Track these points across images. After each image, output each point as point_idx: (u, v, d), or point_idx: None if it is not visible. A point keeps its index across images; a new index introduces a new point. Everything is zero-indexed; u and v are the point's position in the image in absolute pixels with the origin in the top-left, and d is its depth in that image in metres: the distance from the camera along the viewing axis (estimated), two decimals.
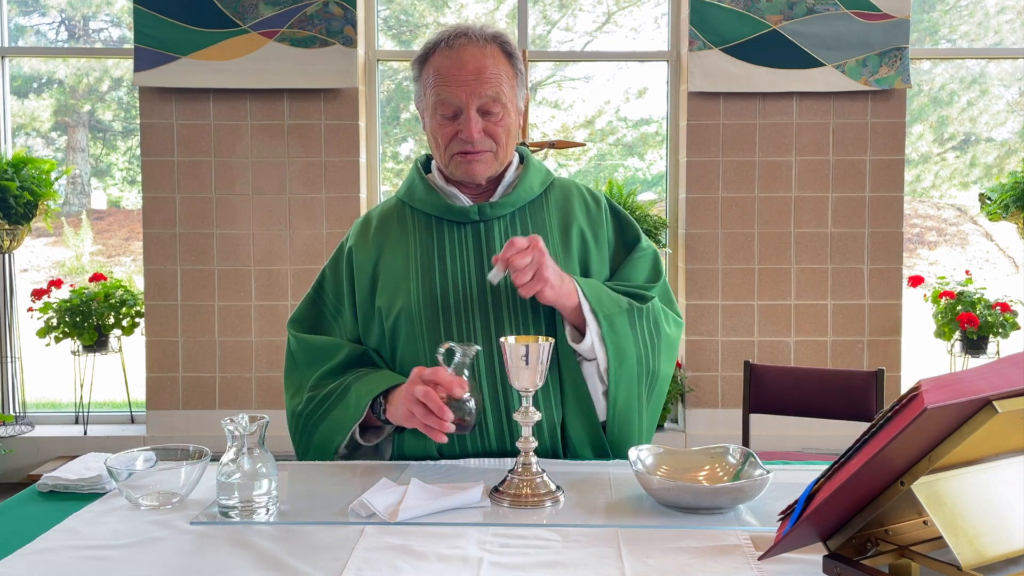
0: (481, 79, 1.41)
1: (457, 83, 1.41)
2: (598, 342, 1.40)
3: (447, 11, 4.96)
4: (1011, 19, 5.39)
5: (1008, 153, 6.51)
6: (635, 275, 1.54)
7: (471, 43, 1.43)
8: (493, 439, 1.42)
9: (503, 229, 1.50)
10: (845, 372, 2.45)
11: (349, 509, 1.14)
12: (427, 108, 1.47)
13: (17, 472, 3.98)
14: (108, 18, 5.71)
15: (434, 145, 1.50)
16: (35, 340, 4.03)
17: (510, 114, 1.46)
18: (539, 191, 1.55)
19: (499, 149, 1.47)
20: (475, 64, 1.42)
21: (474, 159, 1.46)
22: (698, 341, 4.07)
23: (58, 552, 1.03)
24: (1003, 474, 0.89)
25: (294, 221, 4.01)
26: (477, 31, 1.45)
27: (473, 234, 1.50)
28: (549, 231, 1.51)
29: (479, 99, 1.42)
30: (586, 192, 1.61)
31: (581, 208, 1.57)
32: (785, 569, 0.96)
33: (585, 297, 1.40)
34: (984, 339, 3.98)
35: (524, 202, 1.53)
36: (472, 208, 1.50)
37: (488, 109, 1.43)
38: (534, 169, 1.57)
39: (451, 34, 1.44)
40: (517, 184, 1.53)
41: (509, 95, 1.45)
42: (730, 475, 1.22)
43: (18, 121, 5.76)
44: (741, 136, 4.01)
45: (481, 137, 1.44)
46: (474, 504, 1.16)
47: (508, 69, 1.46)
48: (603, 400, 1.44)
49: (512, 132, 1.49)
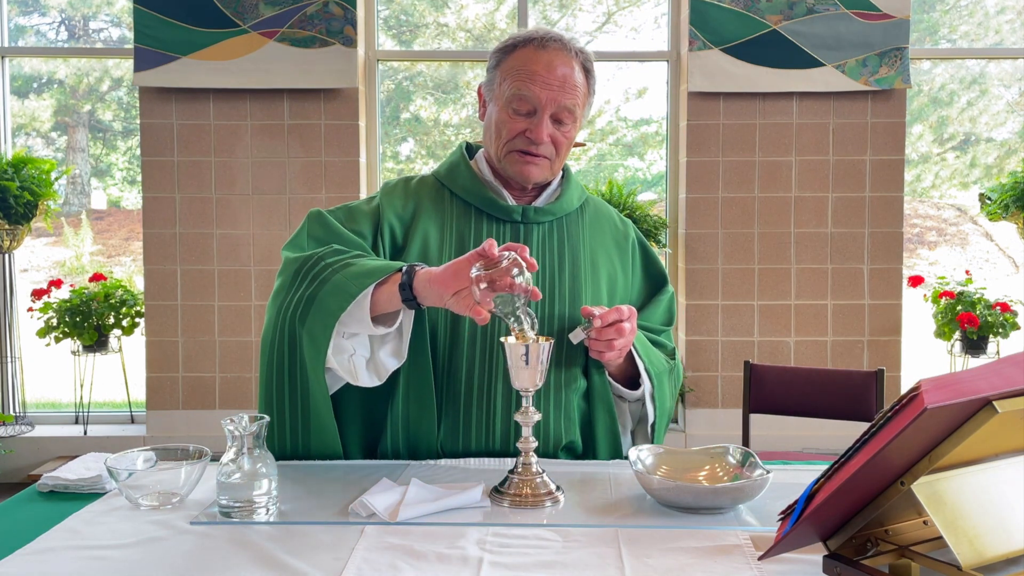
0: (565, 87, 1.42)
1: (543, 84, 1.42)
2: (648, 399, 1.49)
3: (447, 11, 4.96)
4: (1011, 19, 5.39)
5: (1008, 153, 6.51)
6: (654, 317, 1.61)
7: (563, 49, 1.44)
8: (499, 439, 1.42)
9: (542, 236, 1.51)
10: (845, 372, 2.45)
11: (349, 509, 1.14)
12: (499, 98, 1.46)
13: (17, 472, 3.98)
14: (108, 18, 5.71)
15: (494, 135, 1.48)
16: (35, 340, 4.03)
17: (575, 128, 1.49)
18: (577, 206, 1.58)
19: (557, 159, 1.49)
20: (563, 71, 1.42)
21: (532, 161, 1.46)
22: (698, 341, 4.07)
23: (58, 552, 1.03)
24: (1003, 474, 0.89)
25: (294, 221, 4.01)
26: (569, 40, 1.46)
27: (512, 234, 1.50)
28: (582, 247, 1.54)
29: (557, 106, 1.43)
30: (616, 218, 1.65)
31: (612, 233, 1.61)
32: (785, 569, 0.96)
33: (639, 355, 1.46)
34: (984, 339, 3.98)
35: (563, 213, 1.55)
36: (516, 208, 1.50)
37: (561, 118, 1.44)
38: (574, 184, 1.59)
39: (544, 35, 1.45)
40: (560, 195, 1.55)
41: (580, 111, 1.47)
42: (730, 475, 1.22)
43: (18, 121, 5.75)
44: (741, 136, 4.01)
45: (547, 142, 1.45)
46: (474, 504, 1.16)
47: (585, 86, 1.47)
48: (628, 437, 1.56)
49: (570, 146, 1.50)
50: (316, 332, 1.30)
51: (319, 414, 1.37)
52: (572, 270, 1.50)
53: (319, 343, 1.30)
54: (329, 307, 1.29)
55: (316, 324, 1.30)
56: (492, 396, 1.41)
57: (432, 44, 4.94)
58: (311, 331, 1.31)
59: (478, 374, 1.41)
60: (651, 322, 1.61)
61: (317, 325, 1.30)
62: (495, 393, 1.41)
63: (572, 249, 1.52)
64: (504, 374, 1.41)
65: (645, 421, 1.53)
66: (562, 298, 1.47)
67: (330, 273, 1.32)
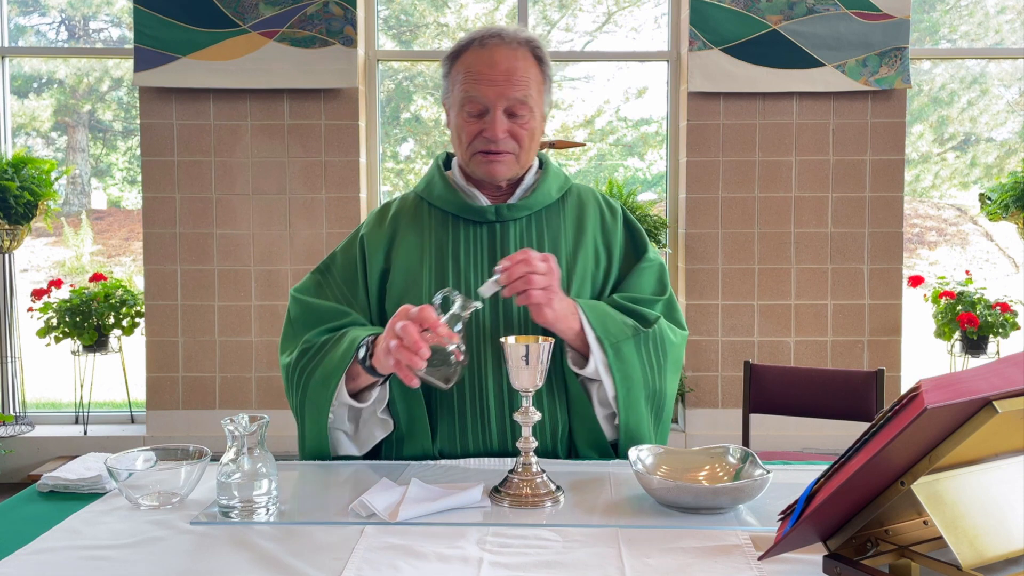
0: (511, 80, 1.42)
1: (487, 82, 1.42)
2: (604, 370, 1.39)
3: (447, 11, 4.96)
4: (1011, 19, 5.39)
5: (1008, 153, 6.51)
6: (640, 286, 1.52)
7: (504, 44, 1.44)
8: (495, 438, 1.42)
9: (519, 232, 1.50)
10: (845, 372, 2.45)
11: (349, 509, 1.14)
12: (454, 104, 1.48)
13: (17, 472, 3.99)
14: (108, 18, 5.71)
15: (457, 142, 1.50)
16: (35, 340, 4.03)
17: (535, 118, 1.47)
18: (556, 196, 1.55)
19: (521, 152, 1.48)
20: (506, 64, 1.42)
21: (495, 159, 1.46)
22: (698, 341, 4.07)
23: (58, 552, 1.03)
24: (1003, 474, 0.89)
25: (294, 221, 4.01)
26: (511, 33, 1.46)
27: (488, 234, 1.50)
28: (564, 237, 1.52)
29: (507, 100, 1.42)
30: (602, 201, 1.60)
31: (596, 217, 1.56)
32: (785, 569, 0.96)
33: (590, 324, 1.38)
34: (984, 339, 3.98)
35: (541, 206, 1.53)
36: (490, 208, 1.50)
37: (514, 111, 1.44)
38: (553, 174, 1.57)
39: (485, 34, 1.45)
40: (535, 188, 1.53)
41: (536, 99, 1.46)
42: (730, 475, 1.22)
43: (18, 121, 5.76)
44: (741, 136, 4.01)
45: (505, 138, 1.44)
46: (474, 504, 1.16)
47: (537, 74, 1.46)
48: (607, 424, 1.44)
49: (535, 136, 1.49)
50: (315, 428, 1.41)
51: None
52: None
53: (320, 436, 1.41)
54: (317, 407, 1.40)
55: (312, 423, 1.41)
56: (484, 395, 1.42)
57: (432, 44, 4.94)
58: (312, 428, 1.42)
59: (467, 375, 1.42)
60: (637, 291, 1.51)
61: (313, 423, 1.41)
62: (487, 392, 1.42)
63: (552, 241, 1.50)
64: (494, 373, 1.41)
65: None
66: None
67: (307, 380, 1.41)
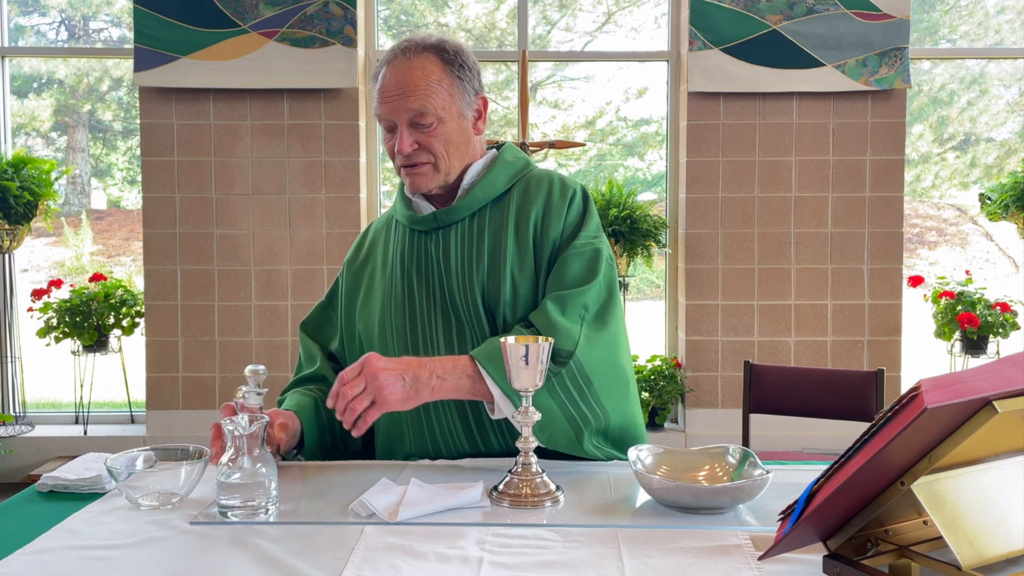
0: (405, 93, 1.41)
1: (385, 99, 1.43)
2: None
3: (447, 11, 4.96)
4: (1011, 19, 5.39)
5: (1008, 153, 6.51)
6: (564, 275, 1.43)
7: (401, 58, 1.43)
8: (464, 440, 1.44)
9: (461, 234, 1.48)
10: (845, 372, 2.45)
11: (349, 509, 1.14)
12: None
13: (17, 472, 3.98)
14: (108, 18, 5.71)
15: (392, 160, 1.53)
16: (35, 340, 4.03)
17: (445, 123, 1.43)
18: (503, 188, 1.50)
19: (439, 160, 1.45)
20: (399, 79, 1.42)
21: (413, 172, 1.46)
22: (698, 341, 4.07)
23: (58, 552, 1.03)
24: (1003, 474, 0.89)
25: (294, 221, 4.01)
26: (416, 42, 1.44)
27: (433, 242, 1.50)
28: (506, 231, 1.46)
29: (407, 113, 1.41)
30: (557, 181, 1.51)
31: (543, 196, 1.48)
32: (785, 569, 0.96)
33: (493, 381, 1.30)
34: (984, 339, 3.98)
35: (483, 203, 1.49)
36: (430, 216, 1.50)
37: (417, 121, 1.42)
38: (501, 166, 1.51)
39: (391, 51, 1.46)
40: (476, 184, 1.49)
41: (442, 104, 1.42)
42: (730, 475, 1.22)
43: (18, 121, 5.75)
44: (741, 136, 4.01)
45: (415, 150, 1.43)
46: (474, 504, 1.16)
47: (443, 76, 1.43)
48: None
49: (454, 140, 1.45)
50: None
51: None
52: (491, 258, 1.44)
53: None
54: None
55: None
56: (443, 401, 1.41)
57: None
58: None
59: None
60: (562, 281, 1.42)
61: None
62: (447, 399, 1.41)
63: (493, 238, 1.46)
64: None
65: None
66: (485, 296, 1.44)
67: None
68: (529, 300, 1.45)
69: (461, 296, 1.44)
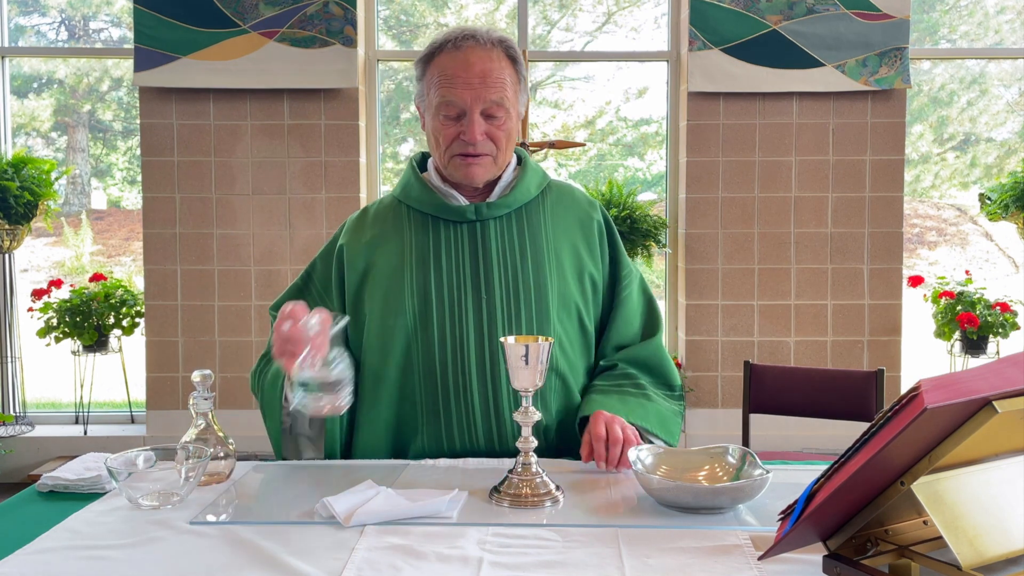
0: (487, 82, 1.42)
1: (463, 85, 1.41)
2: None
3: (447, 11, 4.96)
4: (1011, 19, 5.39)
5: (1008, 153, 6.51)
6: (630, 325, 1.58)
7: (478, 45, 1.43)
8: (482, 437, 1.43)
9: (499, 229, 1.50)
10: (845, 372, 2.45)
11: (313, 510, 1.14)
12: (429, 107, 1.48)
13: (17, 472, 3.98)
14: (108, 18, 5.71)
15: (434, 145, 1.50)
16: (35, 340, 4.03)
17: (512, 119, 1.47)
18: (536, 193, 1.56)
19: (499, 153, 1.48)
20: (481, 67, 1.42)
21: (474, 162, 1.46)
22: (698, 341, 4.07)
23: (58, 552, 1.03)
24: (1003, 474, 0.89)
25: (294, 221, 4.01)
26: (483, 34, 1.45)
27: (469, 233, 1.50)
28: (544, 236, 1.52)
29: (483, 102, 1.42)
30: (583, 199, 1.61)
31: (576, 215, 1.57)
32: (785, 569, 0.96)
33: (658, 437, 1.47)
34: (984, 339, 3.98)
35: (521, 203, 1.53)
36: (469, 207, 1.50)
37: (491, 113, 1.44)
38: (531, 171, 1.57)
39: (458, 35, 1.44)
40: (515, 186, 1.53)
41: (512, 100, 1.46)
42: (730, 475, 1.22)
43: (18, 121, 5.75)
44: (741, 136, 4.01)
45: (483, 140, 1.44)
46: (439, 514, 1.12)
47: (512, 74, 1.46)
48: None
49: (512, 136, 1.49)
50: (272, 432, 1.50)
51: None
52: (535, 259, 1.49)
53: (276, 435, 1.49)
54: (271, 418, 1.49)
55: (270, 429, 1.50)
56: (468, 394, 1.42)
57: None
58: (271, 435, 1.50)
59: (452, 374, 1.42)
60: (628, 333, 1.57)
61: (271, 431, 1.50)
62: (471, 391, 1.42)
63: (533, 238, 1.51)
64: (479, 371, 1.42)
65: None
66: (527, 290, 1.46)
67: (261, 383, 1.53)
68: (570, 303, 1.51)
69: (502, 288, 1.45)
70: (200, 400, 1.27)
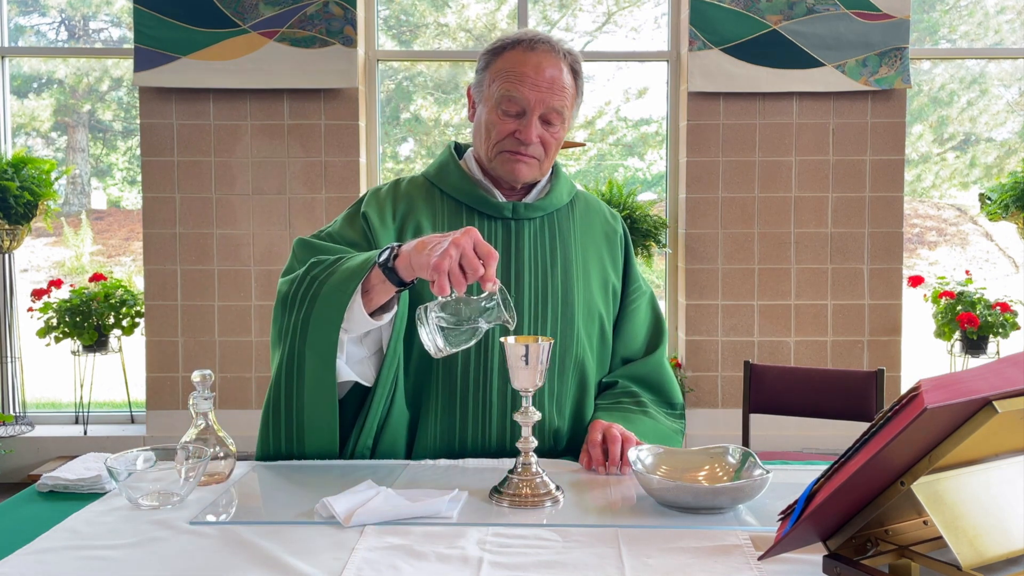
0: (554, 89, 1.44)
1: (531, 85, 1.43)
2: None
3: (447, 11, 4.96)
4: (1011, 19, 5.39)
5: (1008, 153, 6.51)
6: (635, 335, 1.61)
7: (552, 51, 1.45)
8: (494, 437, 1.43)
9: (533, 232, 1.52)
10: (845, 372, 2.45)
11: (314, 510, 1.14)
12: (488, 99, 1.47)
13: (17, 472, 3.98)
14: (108, 18, 5.71)
15: (483, 135, 1.49)
16: (35, 340, 4.03)
17: (564, 129, 1.50)
18: (567, 200, 1.59)
19: (546, 159, 1.50)
20: (551, 72, 1.44)
21: (521, 160, 1.47)
22: (698, 341, 4.07)
23: (58, 552, 1.03)
24: (1003, 474, 0.89)
25: (294, 221, 4.01)
26: (556, 41, 1.47)
27: (504, 230, 1.51)
28: (573, 244, 1.55)
29: (545, 107, 1.44)
30: (607, 212, 1.66)
31: (602, 227, 1.62)
32: (785, 569, 0.96)
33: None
34: (984, 339, 3.98)
35: (553, 209, 1.56)
36: (507, 205, 1.51)
37: (549, 119, 1.45)
38: (563, 179, 1.60)
39: (533, 37, 1.46)
40: (549, 191, 1.56)
41: (569, 111, 1.49)
42: (730, 475, 1.22)
43: (18, 121, 5.75)
44: (741, 136, 4.01)
45: (536, 143, 1.46)
46: (439, 514, 1.12)
47: (574, 87, 1.49)
48: None
49: (559, 145, 1.52)
50: (321, 348, 1.31)
51: (326, 423, 1.37)
52: (564, 266, 1.52)
53: (327, 357, 1.31)
54: (328, 318, 1.30)
55: (319, 340, 1.31)
56: (488, 394, 1.42)
57: (432, 44, 4.94)
58: (316, 348, 1.32)
59: (473, 372, 1.42)
60: (633, 346, 1.60)
61: (320, 341, 1.31)
62: (491, 391, 1.42)
63: (563, 245, 1.54)
64: (500, 372, 1.42)
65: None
66: (555, 294, 1.49)
67: (319, 287, 1.32)
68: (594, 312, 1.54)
69: (531, 290, 1.47)
70: (200, 400, 1.27)
